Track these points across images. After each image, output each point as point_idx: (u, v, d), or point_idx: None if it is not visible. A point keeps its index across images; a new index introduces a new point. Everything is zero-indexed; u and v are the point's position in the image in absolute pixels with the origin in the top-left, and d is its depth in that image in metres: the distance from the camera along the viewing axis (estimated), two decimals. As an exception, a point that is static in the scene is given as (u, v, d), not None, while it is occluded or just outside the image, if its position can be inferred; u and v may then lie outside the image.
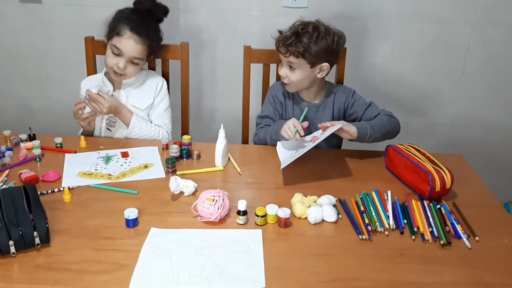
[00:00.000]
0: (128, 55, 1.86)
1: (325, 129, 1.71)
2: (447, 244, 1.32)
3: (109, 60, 1.88)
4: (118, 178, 1.60)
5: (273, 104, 1.92)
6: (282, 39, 1.78)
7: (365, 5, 2.38)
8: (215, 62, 2.52)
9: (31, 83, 2.56)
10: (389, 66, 2.50)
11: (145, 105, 1.98)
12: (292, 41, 1.75)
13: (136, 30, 1.84)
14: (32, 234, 1.22)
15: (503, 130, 2.62)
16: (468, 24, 2.40)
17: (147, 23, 1.88)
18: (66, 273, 1.17)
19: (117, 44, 1.85)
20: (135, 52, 1.86)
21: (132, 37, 1.84)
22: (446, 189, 1.50)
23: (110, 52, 1.87)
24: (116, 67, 1.86)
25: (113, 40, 1.86)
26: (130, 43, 1.84)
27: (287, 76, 1.82)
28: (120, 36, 1.84)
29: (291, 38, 1.75)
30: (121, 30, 1.84)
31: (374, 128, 1.75)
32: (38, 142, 1.74)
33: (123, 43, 1.84)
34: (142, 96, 1.97)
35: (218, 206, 1.37)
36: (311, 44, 1.74)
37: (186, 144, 1.77)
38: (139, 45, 1.86)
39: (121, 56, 1.86)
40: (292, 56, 1.77)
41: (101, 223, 1.36)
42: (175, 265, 1.21)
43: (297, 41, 1.74)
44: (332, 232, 1.38)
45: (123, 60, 1.86)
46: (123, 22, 1.85)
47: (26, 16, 2.46)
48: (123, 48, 1.85)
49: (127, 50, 1.85)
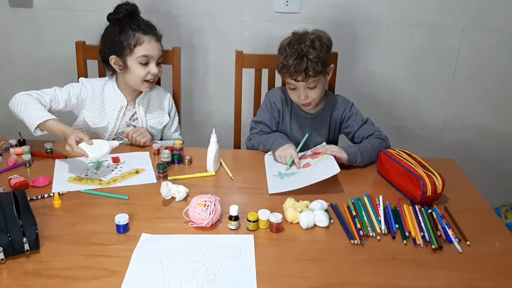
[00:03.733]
0: (157, 56, 1.83)
1: (316, 155, 1.71)
2: (438, 249, 1.32)
3: (141, 73, 1.82)
4: (109, 184, 1.59)
5: (270, 111, 1.90)
6: (295, 69, 1.69)
7: (356, 11, 2.39)
8: (207, 67, 2.52)
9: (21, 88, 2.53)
10: (380, 72, 2.51)
11: (162, 125, 1.99)
12: (306, 64, 1.68)
13: (148, 31, 1.82)
14: (21, 240, 1.20)
15: (494, 134, 2.64)
16: (459, 30, 2.42)
17: (142, 20, 1.85)
18: (55, 280, 1.16)
19: (145, 53, 1.80)
20: (159, 51, 1.85)
21: (152, 38, 1.82)
22: (437, 193, 1.50)
23: (137, 65, 1.81)
24: (151, 74, 1.83)
25: (135, 53, 1.80)
26: (153, 45, 1.82)
27: (308, 97, 1.77)
28: (141, 44, 1.79)
29: (302, 62, 1.68)
30: (139, 39, 1.79)
31: (364, 156, 1.73)
32: (28, 148, 1.73)
33: (149, 48, 1.81)
34: (157, 115, 1.97)
35: (209, 212, 1.36)
36: (321, 56, 1.70)
37: (177, 149, 1.76)
38: (158, 43, 1.85)
39: (150, 61, 1.82)
40: (311, 78, 1.71)
41: (92, 229, 1.35)
42: (166, 271, 1.20)
43: (310, 61, 1.68)
44: (324, 237, 1.38)
45: (153, 65, 1.83)
46: (130, 33, 1.79)
47: (17, 21, 2.45)
48: (150, 52, 1.81)
49: (154, 52, 1.82)
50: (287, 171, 1.69)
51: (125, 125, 1.92)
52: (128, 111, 1.92)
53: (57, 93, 1.81)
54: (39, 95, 1.75)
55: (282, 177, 1.66)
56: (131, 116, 1.93)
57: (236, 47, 2.10)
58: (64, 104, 1.82)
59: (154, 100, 1.97)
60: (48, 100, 1.76)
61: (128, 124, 1.93)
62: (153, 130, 1.96)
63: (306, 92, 1.76)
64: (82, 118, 1.87)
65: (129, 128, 1.92)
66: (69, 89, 1.85)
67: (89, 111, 1.87)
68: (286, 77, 1.76)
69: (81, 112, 1.87)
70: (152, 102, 1.97)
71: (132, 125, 1.93)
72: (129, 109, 1.92)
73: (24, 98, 1.71)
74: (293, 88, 1.78)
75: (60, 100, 1.81)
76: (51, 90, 1.81)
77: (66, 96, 1.82)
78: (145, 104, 1.94)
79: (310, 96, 1.77)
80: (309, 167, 1.67)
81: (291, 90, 1.79)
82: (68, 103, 1.83)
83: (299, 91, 1.76)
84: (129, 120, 1.93)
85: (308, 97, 1.77)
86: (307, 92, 1.76)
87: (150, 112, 1.96)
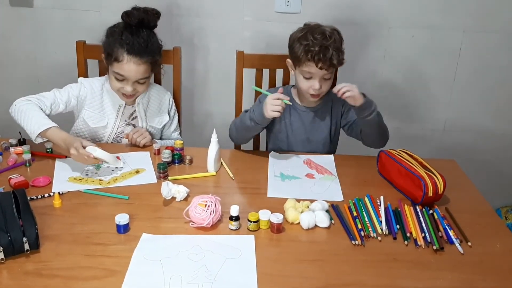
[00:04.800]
0: (133, 78, 1.77)
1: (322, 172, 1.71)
2: (439, 250, 1.31)
3: (114, 85, 1.80)
4: (109, 184, 1.58)
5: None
6: (320, 55, 1.67)
7: (357, 11, 2.39)
8: (207, 66, 2.52)
9: (21, 88, 2.53)
10: (381, 72, 2.51)
11: (161, 124, 1.98)
12: (332, 53, 1.67)
13: (134, 52, 1.73)
14: (21, 240, 1.20)
15: (495, 135, 2.63)
16: (460, 31, 2.42)
17: (142, 37, 1.78)
18: (55, 280, 1.16)
19: (119, 71, 1.75)
20: (140, 74, 1.77)
21: (132, 60, 1.74)
22: (438, 194, 1.50)
23: (113, 78, 1.79)
24: (124, 90, 1.80)
25: (113, 66, 1.76)
26: (131, 67, 1.74)
27: (321, 87, 1.76)
28: (119, 62, 1.74)
29: (328, 50, 1.67)
30: (119, 56, 1.73)
31: (377, 112, 1.73)
32: (28, 147, 1.73)
33: (125, 69, 1.75)
34: (157, 114, 1.96)
35: (210, 212, 1.36)
36: (342, 48, 1.71)
37: (178, 149, 1.76)
38: (141, 66, 1.76)
39: (126, 80, 1.78)
40: (331, 68, 1.71)
41: (92, 228, 1.35)
42: (166, 271, 1.19)
43: (336, 50, 1.68)
44: (325, 238, 1.37)
45: (129, 85, 1.78)
46: (118, 46, 1.74)
47: (17, 20, 2.45)
48: (126, 73, 1.75)
49: (131, 74, 1.76)
50: (288, 173, 1.68)
51: (124, 124, 1.92)
52: (128, 110, 1.92)
53: (56, 96, 1.80)
54: (39, 100, 1.74)
55: (283, 179, 1.65)
56: (131, 115, 1.92)
57: (237, 47, 2.10)
58: (64, 106, 1.82)
59: (154, 99, 1.97)
60: (48, 104, 1.76)
61: (127, 123, 1.92)
62: (152, 129, 1.95)
63: (321, 82, 1.75)
64: (82, 118, 1.87)
65: (129, 127, 1.92)
66: (68, 91, 1.84)
67: (89, 111, 1.86)
68: (306, 65, 1.73)
69: (81, 112, 1.87)
70: (152, 101, 1.96)
71: (131, 124, 1.93)
72: (128, 108, 1.92)
73: (25, 105, 1.70)
74: (308, 78, 1.76)
75: (60, 103, 1.80)
76: (51, 94, 1.80)
77: (65, 98, 1.82)
78: (145, 103, 1.94)
79: (322, 87, 1.77)
80: (312, 179, 1.67)
81: (305, 79, 1.77)
82: (68, 104, 1.83)
83: (315, 80, 1.75)
84: (129, 119, 1.92)
85: (321, 87, 1.76)
86: (321, 82, 1.76)
87: (150, 111, 1.95)
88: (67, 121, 1.93)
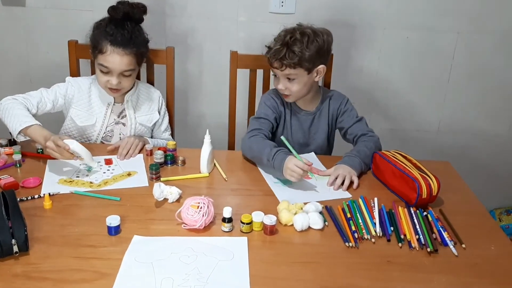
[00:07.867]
0: (118, 70, 1.76)
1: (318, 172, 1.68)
2: (434, 252, 1.31)
3: (100, 79, 1.80)
4: (99, 186, 1.57)
5: (271, 107, 1.86)
6: (274, 54, 1.72)
7: (352, 12, 2.38)
8: (201, 67, 2.51)
9: (13, 87, 2.50)
10: (376, 73, 2.51)
11: (151, 122, 1.96)
12: (285, 53, 1.70)
13: (117, 43, 1.74)
14: (10, 242, 1.18)
15: (489, 137, 2.64)
16: (454, 32, 2.42)
17: (128, 30, 1.77)
18: (45, 283, 1.14)
19: (103, 63, 1.75)
20: (124, 65, 1.76)
21: (115, 51, 1.73)
22: (432, 196, 1.49)
23: (99, 71, 1.79)
24: (109, 84, 1.79)
25: (98, 59, 1.76)
26: (115, 58, 1.74)
27: (286, 88, 1.77)
28: (103, 53, 1.74)
29: (282, 50, 1.70)
30: (103, 47, 1.74)
31: (366, 163, 1.73)
32: (19, 147, 1.71)
33: (109, 60, 1.74)
34: (147, 112, 1.94)
35: (202, 213, 1.34)
36: (304, 51, 1.69)
37: (170, 150, 1.74)
38: (125, 57, 1.75)
39: (111, 73, 1.77)
40: (288, 68, 1.72)
41: (82, 230, 1.33)
42: (158, 273, 1.18)
43: (290, 51, 1.69)
44: (318, 240, 1.36)
45: (114, 77, 1.77)
46: (102, 38, 1.75)
47: (9, 19, 2.42)
48: (110, 65, 1.75)
49: (115, 66, 1.75)
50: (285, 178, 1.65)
51: (113, 122, 1.90)
52: (117, 108, 1.90)
53: (43, 95, 1.79)
54: (25, 99, 1.73)
55: (284, 183, 1.63)
56: (120, 114, 1.91)
57: (231, 48, 2.09)
58: (52, 105, 1.80)
59: (144, 98, 1.95)
60: (34, 103, 1.75)
61: (117, 122, 1.90)
62: (142, 127, 1.94)
63: (284, 82, 1.77)
64: (70, 117, 1.86)
65: (118, 125, 1.90)
66: (56, 90, 1.84)
67: (76, 109, 1.85)
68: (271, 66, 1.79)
69: (69, 111, 1.86)
70: (142, 99, 1.95)
71: (121, 123, 1.91)
72: (117, 106, 1.90)
73: (10, 103, 1.69)
74: (275, 75, 1.81)
75: (47, 101, 1.79)
76: (38, 93, 1.79)
77: (52, 97, 1.81)
78: (134, 100, 1.92)
79: (288, 87, 1.77)
80: (309, 179, 1.64)
81: (274, 77, 1.82)
82: (55, 103, 1.82)
83: (278, 80, 1.79)
84: (118, 118, 1.91)
85: (287, 88, 1.77)
86: (285, 82, 1.77)
87: (139, 109, 1.94)
88: (55, 121, 1.91)
